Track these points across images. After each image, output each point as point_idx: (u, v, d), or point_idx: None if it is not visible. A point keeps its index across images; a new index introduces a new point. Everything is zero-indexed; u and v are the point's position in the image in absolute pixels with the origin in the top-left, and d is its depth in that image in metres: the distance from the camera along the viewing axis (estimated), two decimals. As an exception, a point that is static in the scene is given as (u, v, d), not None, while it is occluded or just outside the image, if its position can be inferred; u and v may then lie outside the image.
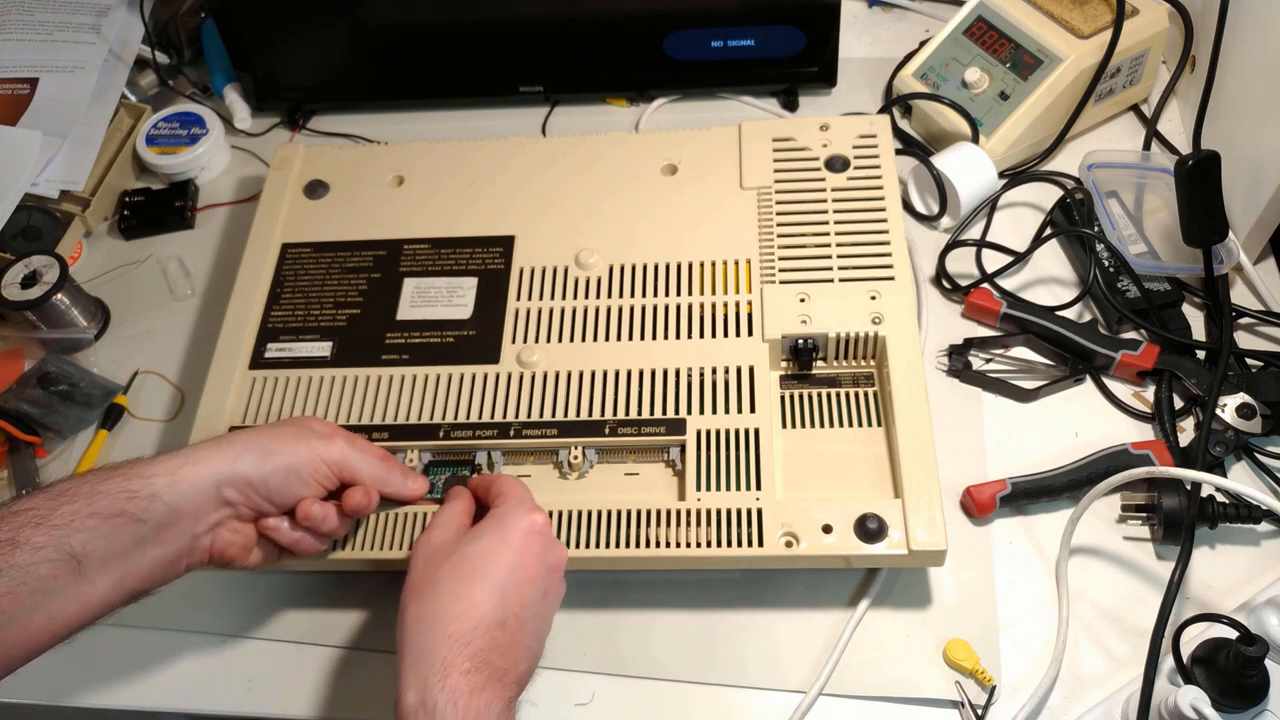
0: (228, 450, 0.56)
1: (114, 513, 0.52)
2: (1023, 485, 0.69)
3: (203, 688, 0.66)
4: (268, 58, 0.94)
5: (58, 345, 0.82)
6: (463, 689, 0.50)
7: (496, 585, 0.54)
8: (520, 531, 0.56)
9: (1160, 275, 0.77)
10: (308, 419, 0.63)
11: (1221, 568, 0.67)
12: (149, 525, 0.53)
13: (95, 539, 0.51)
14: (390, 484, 0.63)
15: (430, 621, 0.52)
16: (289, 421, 0.63)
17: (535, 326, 0.72)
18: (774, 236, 0.74)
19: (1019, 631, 0.65)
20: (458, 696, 0.49)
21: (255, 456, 0.57)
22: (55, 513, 0.50)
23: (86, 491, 0.52)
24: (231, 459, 0.56)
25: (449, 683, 0.50)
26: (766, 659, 0.65)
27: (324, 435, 0.60)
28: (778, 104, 0.95)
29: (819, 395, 0.70)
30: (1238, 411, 0.70)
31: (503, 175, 0.81)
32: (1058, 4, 0.84)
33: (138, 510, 0.52)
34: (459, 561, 0.54)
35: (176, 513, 0.54)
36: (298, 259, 0.78)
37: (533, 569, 0.55)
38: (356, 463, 0.60)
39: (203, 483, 0.55)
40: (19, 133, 0.89)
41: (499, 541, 0.55)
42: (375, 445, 0.65)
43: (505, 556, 0.55)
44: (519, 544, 0.55)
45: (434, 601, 0.53)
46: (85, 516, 0.51)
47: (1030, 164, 0.87)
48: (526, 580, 0.55)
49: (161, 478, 0.54)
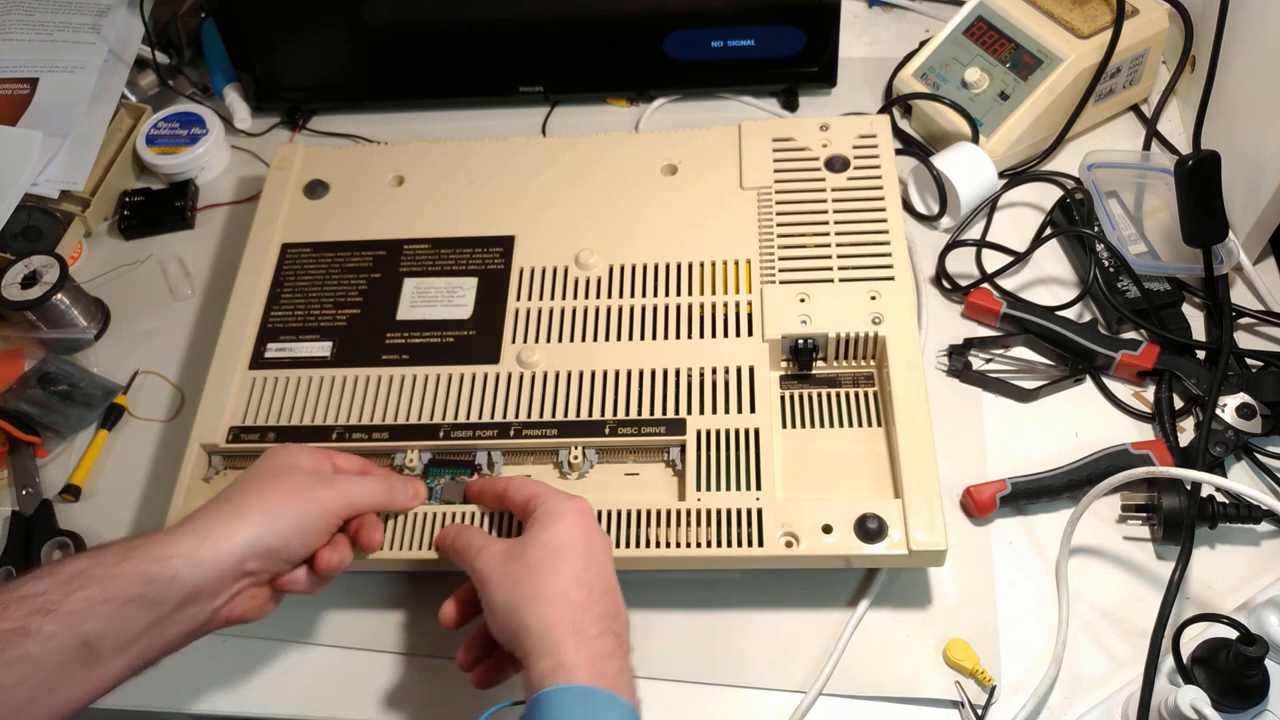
0: (243, 524, 0.55)
1: (131, 597, 0.50)
2: (1023, 485, 0.69)
3: (203, 688, 0.66)
4: (268, 58, 0.94)
5: (58, 345, 0.82)
6: (598, 651, 0.51)
7: (587, 556, 0.55)
8: (576, 512, 0.58)
9: (1160, 275, 0.77)
10: (291, 455, 0.61)
11: (1221, 568, 0.67)
12: (168, 607, 0.52)
13: (110, 625, 0.50)
14: (395, 504, 0.63)
15: (548, 597, 0.53)
16: (277, 469, 0.59)
17: (535, 326, 0.72)
18: (774, 236, 0.74)
19: (1019, 631, 0.65)
20: (594, 659, 0.51)
21: (268, 524, 0.55)
22: (68, 599, 0.49)
23: (101, 575, 0.50)
24: (249, 532, 0.55)
25: (584, 644, 0.51)
26: (766, 659, 0.65)
27: (321, 479, 0.59)
28: (778, 104, 0.95)
29: (819, 395, 0.70)
30: (1238, 411, 0.70)
31: (502, 175, 0.81)
32: (1058, 4, 0.84)
33: (156, 594, 0.51)
34: (544, 547, 0.55)
35: (197, 593, 0.53)
36: (298, 259, 0.78)
37: (600, 543, 0.57)
38: (360, 498, 0.61)
39: (225, 560, 0.54)
40: (19, 133, 0.89)
41: (567, 525, 0.57)
42: (357, 459, 0.64)
43: (578, 535, 0.56)
44: (582, 524, 0.57)
45: (542, 580, 0.54)
46: (100, 603, 0.49)
47: (1030, 164, 0.87)
48: (601, 552, 0.57)
49: (180, 558, 0.52)
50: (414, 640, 0.67)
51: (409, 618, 0.68)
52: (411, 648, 0.67)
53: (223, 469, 0.69)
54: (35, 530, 0.73)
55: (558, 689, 0.49)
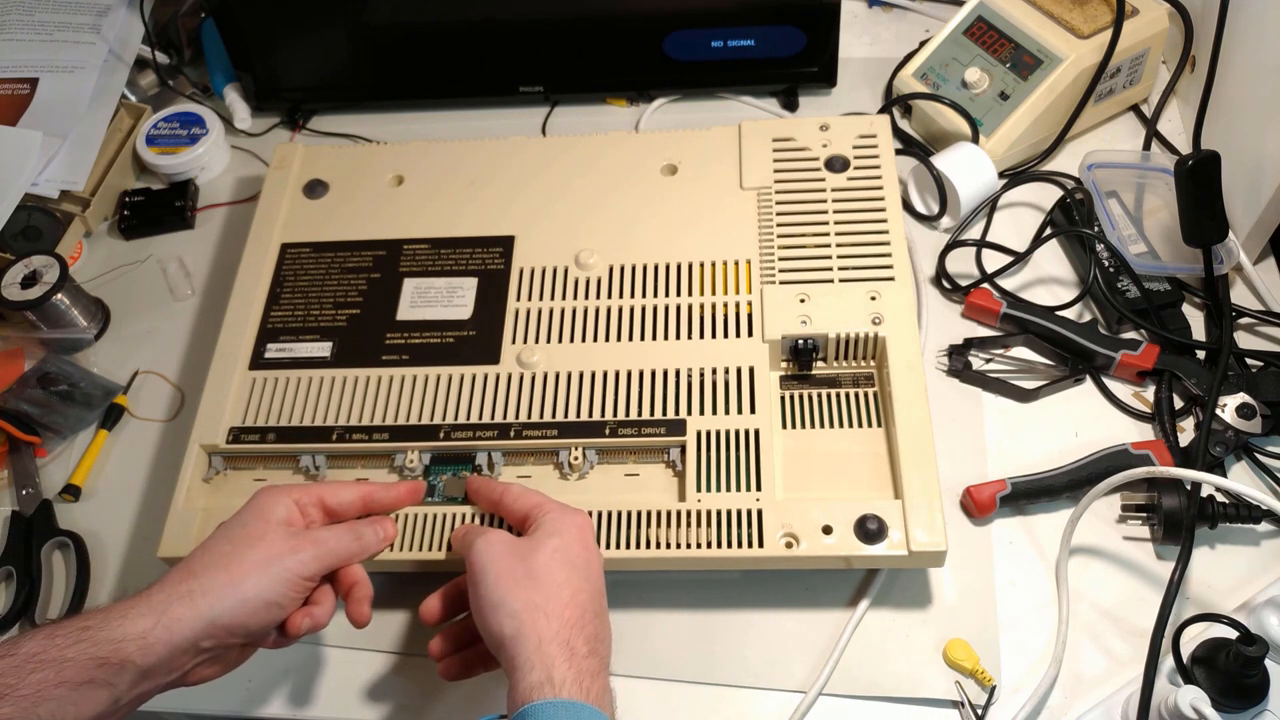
0: (201, 602, 0.53)
1: (83, 681, 0.50)
2: (1023, 485, 0.69)
3: (203, 688, 0.66)
4: (268, 58, 0.94)
5: (58, 345, 0.82)
6: (585, 671, 0.52)
7: (586, 576, 0.56)
8: (579, 528, 0.58)
9: (1160, 275, 0.77)
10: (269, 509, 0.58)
11: (1221, 568, 0.67)
12: (121, 688, 0.51)
13: (64, 707, 0.49)
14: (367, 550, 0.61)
15: (544, 609, 0.53)
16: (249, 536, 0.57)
17: (535, 327, 0.72)
18: (774, 237, 0.74)
19: (1019, 631, 0.65)
20: (582, 677, 0.51)
21: (228, 600, 0.54)
22: (22, 683, 0.49)
23: (55, 658, 0.50)
24: (206, 611, 0.53)
25: (574, 662, 0.51)
26: (766, 659, 0.65)
27: (295, 542, 0.57)
28: (778, 104, 0.95)
29: (819, 395, 0.70)
30: (1238, 411, 0.70)
31: (502, 175, 0.81)
32: (1058, 4, 0.84)
33: (108, 677, 0.51)
34: (551, 555, 0.56)
35: (151, 672, 0.52)
36: (297, 259, 0.78)
37: (597, 565, 0.58)
38: (333, 555, 0.59)
39: (178, 642, 0.53)
40: (19, 133, 0.89)
41: (570, 539, 0.57)
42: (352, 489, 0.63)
43: (580, 553, 0.57)
44: (584, 540, 0.58)
45: (541, 591, 0.54)
46: (53, 686, 0.49)
47: (1030, 164, 0.87)
48: (597, 575, 0.57)
49: (132, 642, 0.51)
50: (413, 640, 0.67)
51: (408, 618, 0.68)
52: (411, 648, 0.67)
53: (223, 469, 0.69)
54: (35, 530, 0.73)
55: (547, 703, 0.49)
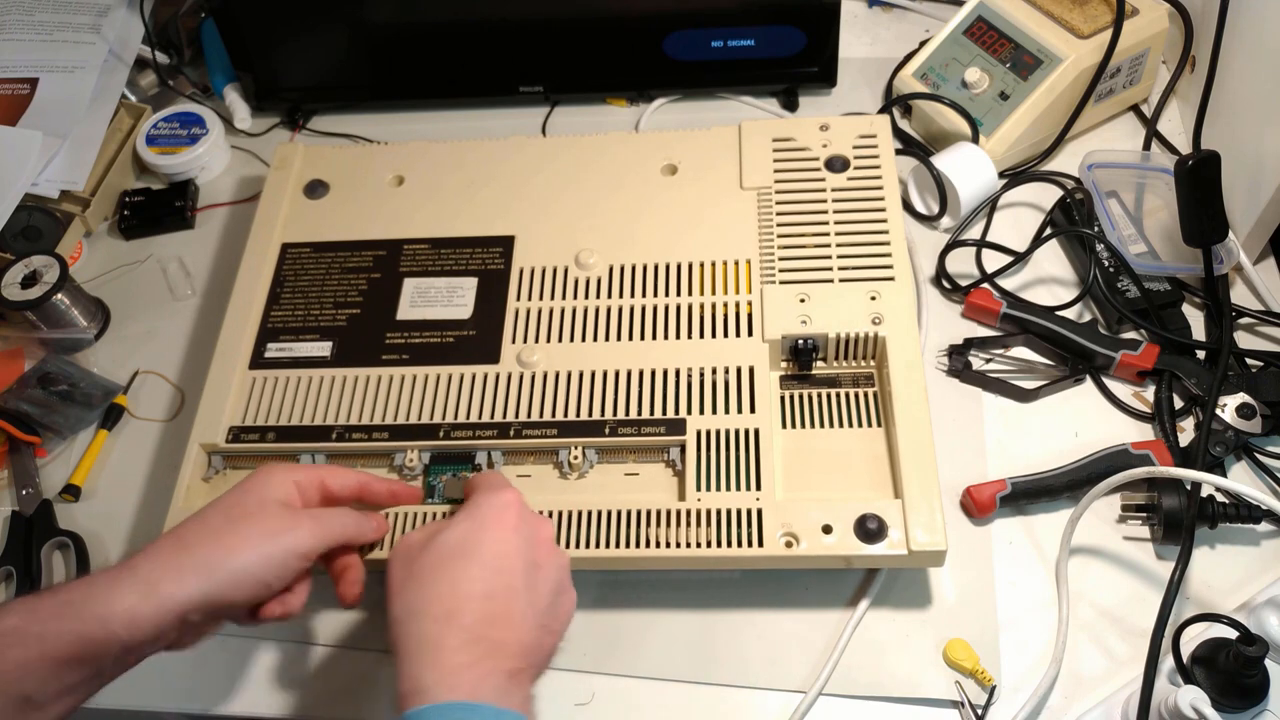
0: (192, 578, 0.52)
1: (68, 657, 0.49)
2: (1023, 485, 0.69)
3: (201, 688, 0.66)
4: (268, 58, 0.94)
5: (58, 345, 0.82)
6: (454, 665, 0.49)
7: (477, 563, 0.53)
8: (494, 509, 0.56)
9: (1160, 275, 0.77)
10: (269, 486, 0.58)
11: (1221, 568, 0.67)
12: (105, 662, 0.51)
13: (48, 682, 0.49)
14: (364, 537, 0.61)
15: (416, 612, 0.52)
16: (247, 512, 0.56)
17: (535, 326, 0.72)
18: (774, 236, 0.74)
19: (1019, 631, 0.65)
20: (447, 675, 0.49)
21: (220, 574, 0.53)
22: (2, 658, 0.48)
23: (36, 633, 0.49)
24: (197, 586, 0.52)
25: (441, 661, 0.49)
26: (766, 659, 0.65)
27: (292, 520, 0.56)
28: (778, 104, 0.95)
29: (819, 395, 0.70)
30: (1238, 411, 0.70)
31: (502, 175, 0.81)
32: (1058, 4, 0.84)
33: (94, 653, 0.50)
34: (435, 551, 0.54)
35: (136, 648, 0.52)
36: (298, 259, 0.78)
37: (512, 542, 0.55)
38: (334, 531, 0.58)
39: (164, 618, 0.51)
40: (19, 133, 0.89)
41: (472, 525, 0.55)
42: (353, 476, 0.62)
43: (479, 536, 0.54)
44: (492, 521, 0.55)
45: (417, 593, 0.52)
46: (35, 662, 0.49)
47: (1030, 164, 0.87)
48: (508, 553, 0.54)
49: (119, 619, 0.50)
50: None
51: (409, 618, 0.68)
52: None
53: (223, 469, 0.69)
54: (35, 530, 0.73)
55: (413, 712, 0.48)
